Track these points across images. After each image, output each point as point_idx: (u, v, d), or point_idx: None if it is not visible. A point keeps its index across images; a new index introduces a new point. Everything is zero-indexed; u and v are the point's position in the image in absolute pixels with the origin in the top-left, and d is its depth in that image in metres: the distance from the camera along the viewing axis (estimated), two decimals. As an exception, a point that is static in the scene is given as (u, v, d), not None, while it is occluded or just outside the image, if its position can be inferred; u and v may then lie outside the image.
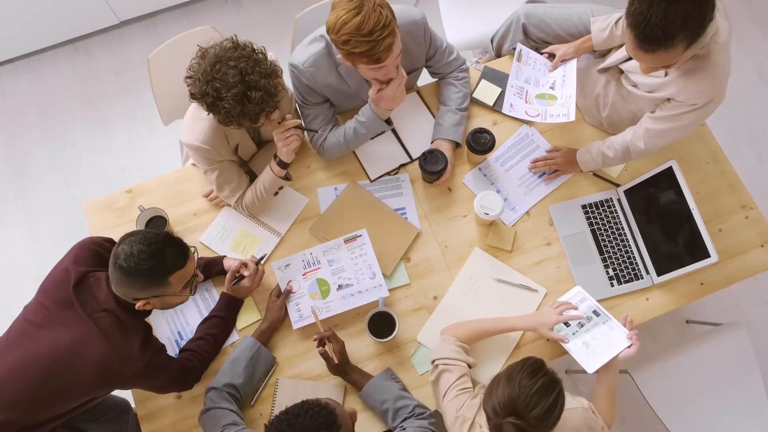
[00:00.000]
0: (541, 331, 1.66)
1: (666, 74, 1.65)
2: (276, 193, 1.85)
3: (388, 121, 1.89)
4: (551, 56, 2.04)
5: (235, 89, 1.49)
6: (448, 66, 1.99)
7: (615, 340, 1.67)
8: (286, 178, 1.82)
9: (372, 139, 1.97)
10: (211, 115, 1.59)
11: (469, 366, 1.61)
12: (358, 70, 1.68)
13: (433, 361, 1.62)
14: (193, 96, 1.56)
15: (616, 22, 1.85)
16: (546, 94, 1.98)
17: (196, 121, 1.68)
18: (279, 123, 1.69)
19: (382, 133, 1.99)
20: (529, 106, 1.94)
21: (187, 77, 1.57)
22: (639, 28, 1.41)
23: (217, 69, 1.50)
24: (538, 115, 1.92)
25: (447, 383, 1.55)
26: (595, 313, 1.72)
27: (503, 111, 1.93)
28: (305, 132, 1.95)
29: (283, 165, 1.76)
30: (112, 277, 1.40)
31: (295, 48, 1.87)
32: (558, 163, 1.96)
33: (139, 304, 1.43)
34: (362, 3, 1.53)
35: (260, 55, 1.56)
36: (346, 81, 1.83)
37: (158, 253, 1.37)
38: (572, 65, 1.99)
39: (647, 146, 1.78)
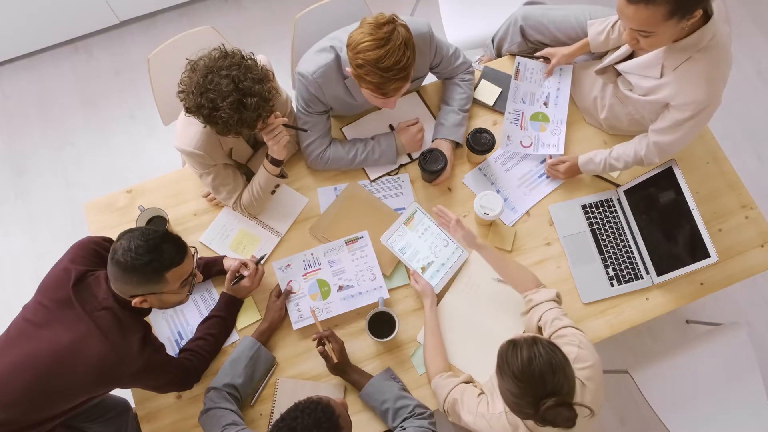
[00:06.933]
0: (429, 299, 1.77)
1: (661, 75, 1.64)
2: (273, 192, 1.85)
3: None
4: (547, 59, 2.05)
5: (231, 98, 1.47)
6: (454, 70, 1.99)
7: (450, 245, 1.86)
8: (282, 176, 1.81)
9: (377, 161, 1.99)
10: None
11: (467, 381, 1.61)
12: (360, 86, 1.67)
13: (443, 408, 1.61)
14: (188, 110, 1.55)
15: (613, 26, 1.85)
16: (539, 114, 2.03)
17: (189, 126, 1.67)
18: (266, 122, 1.65)
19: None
20: (524, 133, 2.02)
21: (179, 92, 1.56)
22: None
23: (209, 80, 1.49)
24: (531, 144, 2.00)
25: (465, 406, 1.53)
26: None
27: (503, 145, 2.00)
28: (298, 135, 1.95)
29: (276, 162, 1.75)
30: (110, 272, 1.40)
31: (297, 51, 1.88)
32: (560, 177, 1.98)
33: (135, 301, 1.42)
34: (390, 37, 1.52)
35: (250, 62, 1.55)
36: (352, 94, 1.83)
37: (155, 249, 1.37)
38: (567, 76, 2.05)
39: (662, 159, 1.78)
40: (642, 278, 1.87)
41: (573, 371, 1.32)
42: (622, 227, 1.93)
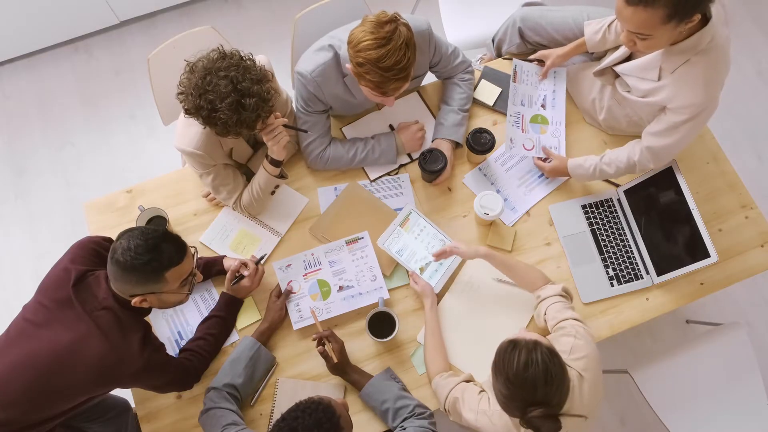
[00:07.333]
0: (429, 299, 1.77)
1: (659, 78, 1.64)
2: (273, 192, 1.85)
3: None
4: (542, 62, 2.06)
5: (229, 99, 1.47)
6: (453, 69, 1.99)
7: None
8: (282, 176, 1.81)
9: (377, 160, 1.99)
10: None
11: (467, 380, 1.61)
12: (359, 84, 1.67)
13: (444, 408, 1.61)
14: (187, 111, 1.55)
15: (609, 26, 1.85)
16: (538, 116, 2.04)
17: (189, 126, 1.67)
18: (265, 122, 1.65)
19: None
20: (525, 136, 2.01)
21: (179, 93, 1.56)
22: None
23: (208, 81, 1.49)
24: (533, 147, 2.00)
25: (466, 404, 1.53)
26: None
27: (507, 148, 1.99)
28: (298, 135, 1.95)
29: (275, 163, 1.75)
30: (110, 272, 1.40)
31: (297, 51, 1.87)
32: (546, 173, 1.97)
33: (135, 301, 1.42)
34: (391, 37, 1.51)
35: (249, 62, 1.55)
36: (351, 92, 1.83)
37: (155, 248, 1.37)
38: (561, 78, 2.06)
39: (656, 164, 1.77)
40: (642, 278, 1.87)
41: (569, 382, 1.31)
42: (622, 227, 1.93)
